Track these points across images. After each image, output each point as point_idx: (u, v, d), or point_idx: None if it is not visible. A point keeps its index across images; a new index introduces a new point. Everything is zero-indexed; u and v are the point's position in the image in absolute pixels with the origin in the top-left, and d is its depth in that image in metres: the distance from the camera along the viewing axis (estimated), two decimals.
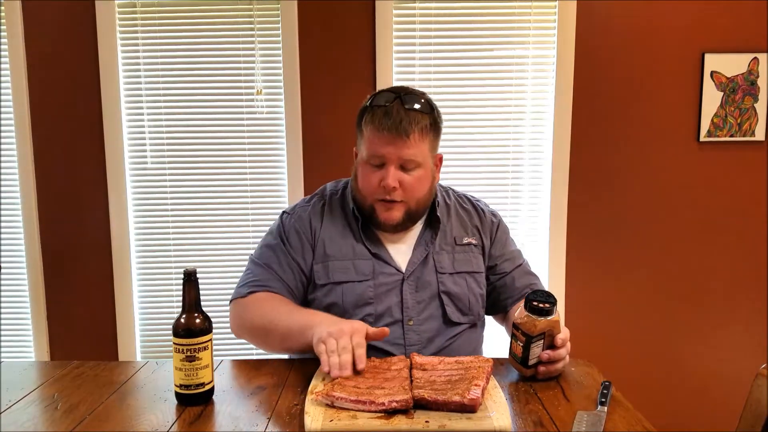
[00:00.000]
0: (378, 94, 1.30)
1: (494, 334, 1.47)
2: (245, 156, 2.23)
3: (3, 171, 2.22)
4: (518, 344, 1.09)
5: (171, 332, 1.00)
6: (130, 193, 2.24)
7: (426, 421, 0.88)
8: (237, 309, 1.31)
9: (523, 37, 2.17)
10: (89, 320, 2.28)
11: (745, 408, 1.02)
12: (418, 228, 1.37)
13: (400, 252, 1.33)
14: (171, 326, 1.01)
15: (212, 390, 1.03)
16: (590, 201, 2.24)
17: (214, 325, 1.04)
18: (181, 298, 1.01)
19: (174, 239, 2.26)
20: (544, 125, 2.22)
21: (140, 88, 2.20)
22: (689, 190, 2.24)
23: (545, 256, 2.25)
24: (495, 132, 2.22)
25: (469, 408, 0.90)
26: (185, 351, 0.98)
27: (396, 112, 1.23)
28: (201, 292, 1.02)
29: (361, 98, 1.34)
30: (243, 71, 2.19)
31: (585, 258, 2.26)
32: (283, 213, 1.40)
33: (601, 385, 1.05)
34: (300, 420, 0.93)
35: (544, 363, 1.09)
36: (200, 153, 2.23)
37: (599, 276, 2.27)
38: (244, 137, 2.22)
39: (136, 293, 2.29)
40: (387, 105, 1.25)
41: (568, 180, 2.22)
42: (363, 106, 1.31)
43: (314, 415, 0.90)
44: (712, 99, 2.18)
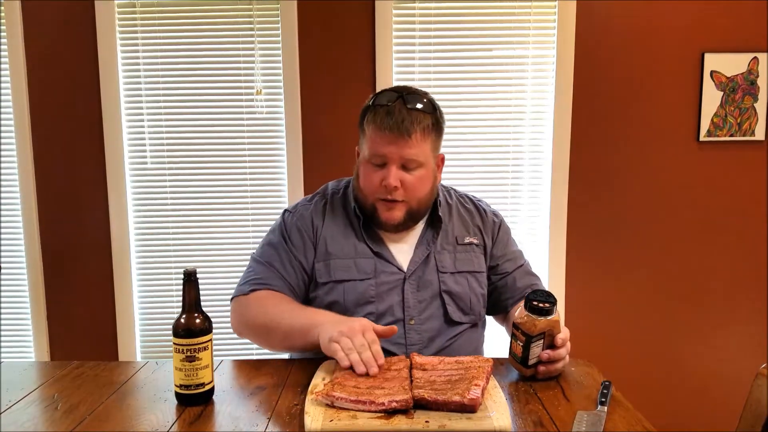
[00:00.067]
0: (380, 94, 1.30)
1: (495, 334, 1.47)
2: (245, 156, 2.23)
3: (3, 171, 2.22)
4: (518, 344, 1.09)
5: (171, 332, 1.00)
6: (130, 194, 2.24)
7: (426, 421, 0.88)
8: (238, 307, 1.31)
9: (523, 37, 2.17)
10: (89, 320, 2.28)
11: (745, 408, 1.02)
12: (420, 227, 1.37)
13: (402, 251, 1.33)
14: (171, 326, 1.01)
15: (212, 390, 1.03)
16: (590, 201, 2.24)
17: (214, 325, 1.04)
18: (181, 298, 1.01)
19: (174, 239, 2.26)
20: (544, 125, 2.22)
21: (140, 88, 2.20)
22: (689, 190, 2.24)
23: (545, 256, 2.25)
24: (495, 132, 2.22)
25: (469, 408, 0.90)
26: (185, 351, 0.98)
27: (398, 112, 1.23)
28: (201, 292, 1.02)
29: (361, 98, 1.34)
30: (243, 71, 2.19)
31: (585, 258, 2.26)
32: (285, 211, 1.40)
33: (601, 385, 1.05)
34: (300, 420, 0.93)
35: (544, 363, 1.09)
36: (200, 153, 2.23)
37: (599, 276, 2.27)
38: (244, 137, 2.22)
39: (136, 293, 2.29)
40: (389, 104, 1.25)
41: (568, 180, 2.22)
42: (365, 105, 1.31)
43: (314, 415, 0.90)
44: (712, 99, 2.18)
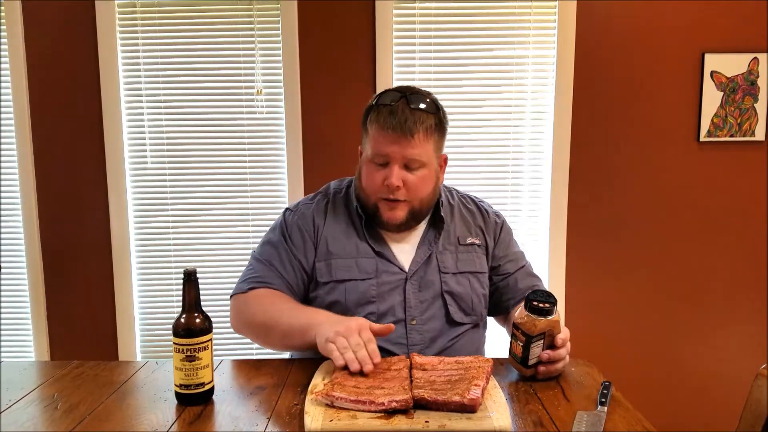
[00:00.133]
0: (384, 93, 1.29)
1: (495, 335, 1.46)
2: (245, 156, 2.23)
3: (3, 171, 2.22)
4: (518, 344, 1.09)
5: (171, 332, 1.00)
6: (130, 193, 2.24)
7: (426, 421, 0.88)
8: (237, 304, 1.31)
9: (523, 37, 2.17)
10: (89, 320, 2.28)
11: (745, 408, 1.02)
12: (422, 227, 1.36)
13: (404, 251, 1.33)
14: (171, 326, 1.01)
15: (212, 390, 1.03)
16: (590, 201, 2.24)
17: (214, 325, 1.04)
18: (181, 298, 1.01)
19: (174, 239, 2.26)
20: (544, 125, 2.22)
21: (140, 88, 2.20)
22: (689, 190, 2.24)
23: (545, 256, 2.25)
24: (495, 132, 2.22)
25: (469, 408, 0.90)
26: (185, 351, 0.98)
27: (401, 112, 1.23)
28: (201, 292, 1.02)
29: (362, 98, 1.35)
30: (243, 71, 2.19)
31: (585, 258, 2.26)
32: (286, 210, 1.40)
33: (601, 385, 1.05)
34: (300, 420, 0.93)
35: (544, 363, 1.09)
36: (200, 153, 2.23)
37: (599, 276, 2.27)
38: (244, 137, 2.22)
39: (136, 293, 2.29)
40: (392, 104, 1.25)
41: (568, 180, 2.22)
42: (369, 105, 1.31)
43: (314, 415, 0.90)
44: (712, 99, 2.18)
